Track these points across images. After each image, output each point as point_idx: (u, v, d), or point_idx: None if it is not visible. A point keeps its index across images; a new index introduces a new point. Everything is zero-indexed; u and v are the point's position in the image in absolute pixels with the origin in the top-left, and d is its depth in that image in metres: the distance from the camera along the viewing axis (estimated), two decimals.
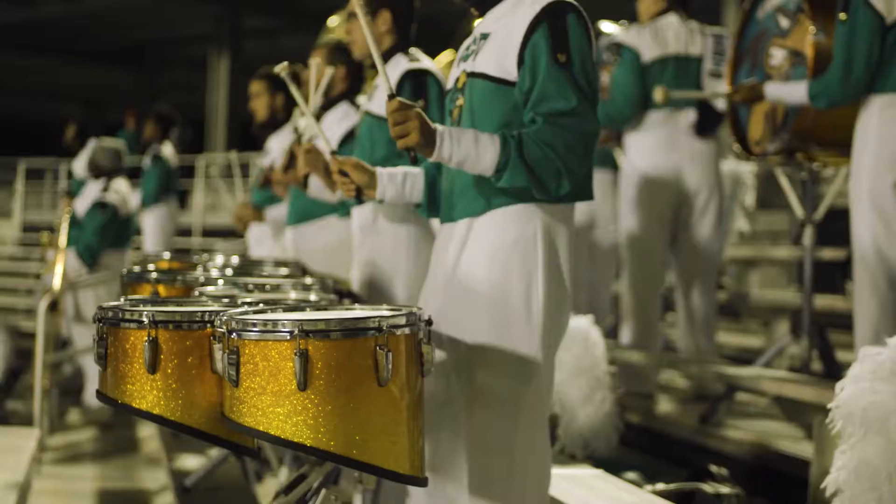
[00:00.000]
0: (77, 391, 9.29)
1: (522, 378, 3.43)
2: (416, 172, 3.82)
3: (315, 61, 5.26)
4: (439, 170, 3.78)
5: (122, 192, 9.40)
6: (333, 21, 7.80)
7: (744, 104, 6.05)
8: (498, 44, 3.45)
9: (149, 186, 11.40)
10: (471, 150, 3.30)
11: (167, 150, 11.54)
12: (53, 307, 8.30)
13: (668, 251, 7.12)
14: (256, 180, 7.44)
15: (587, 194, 3.46)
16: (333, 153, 4.04)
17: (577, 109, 3.31)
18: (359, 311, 3.25)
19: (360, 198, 3.96)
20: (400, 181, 3.80)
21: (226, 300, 3.66)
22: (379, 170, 3.82)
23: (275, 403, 2.89)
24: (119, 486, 6.80)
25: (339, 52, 5.87)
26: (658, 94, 6.63)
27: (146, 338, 3.14)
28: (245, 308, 3.24)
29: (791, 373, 6.25)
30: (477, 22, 3.71)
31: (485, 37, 3.54)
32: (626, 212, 7.11)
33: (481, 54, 3.51)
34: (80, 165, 10.67)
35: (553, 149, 3.26)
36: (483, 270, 3.45)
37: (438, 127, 3.36)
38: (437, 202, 3.82)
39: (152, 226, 11.43)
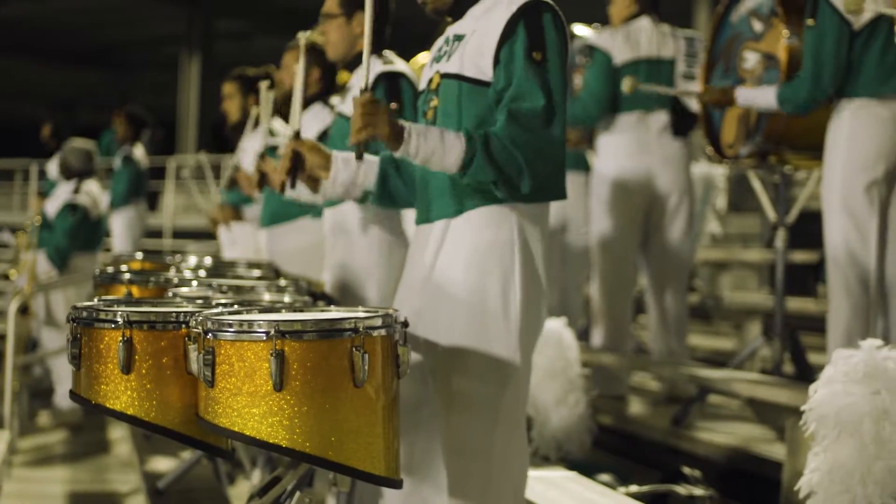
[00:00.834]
0: (47, 393, 9.24)
1: (500, 380, 3.43)
2: (372, 160, 3.79)
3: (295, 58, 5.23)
4: (394, 164, 3.77)
5: (94, 193, 9.34)
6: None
7: (714, 107, 6.06)
8: (474, 44, 3.45)
9: (118, 188, 11.36)
10: (437, 146, 3.29)
11: (138, 151, 11.50)
12: (24, 311, 8.26)
13: (640, 253, 7.13)
14: (225, 182, 7.43)
15: (560, 193, 3.46)
16: (295, 134, 4.00)
17: (545, 109, 3.31)
18: (335, 313, 3.24)
19: (291, 186, 3.86)
20: (354, 167, 3.76)
21: (200, 301, 3.64)
22: (334, 153, 3.78)
23: (250, 404, 2.88)
24: (90, 489, 6.76)
25: (313, 53, 5.87)
26: (626, 83, 6.62)
27: (121, 338, 3.11)
28: (220, 309, 3.23)
29: (764, 375, 6.28)
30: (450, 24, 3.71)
31: (459, 38, 3.54)
32: (598, 214, 7.12)
33: (455, 55, 3.51)
34: (54, 167, 10.61)
35: (517, 146, 3.26)
36: (459, 272, 3.44)
37: (405, 123, 3.35)
38: (389, 193, 3.81)
39: (121, 227, 11.39)
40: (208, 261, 5.48)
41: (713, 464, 5.75)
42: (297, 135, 4.00)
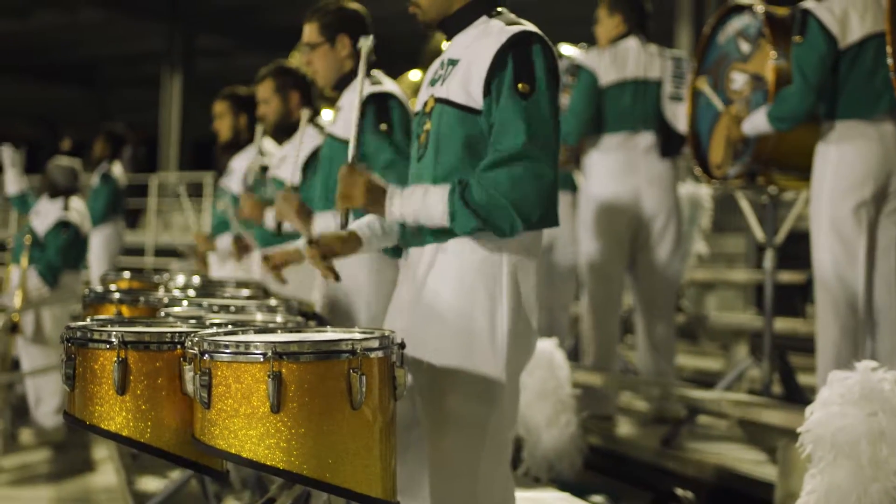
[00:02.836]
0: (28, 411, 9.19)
1: (486, 401, 3.41)
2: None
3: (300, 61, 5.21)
4: None
5: (81, 210, 9.32)
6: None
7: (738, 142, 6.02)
8: (464, 71, 3.44)
9: (97, 205, 11.30)
10: (419, 204, 3.36)
11: (117, 169, 11.47)
12: (14, 328, 8.22)
13: (628, 274, 7.13)
14: (218, 226, 7.40)
15: (551, 221, 3.46)
16: (309, 241, 3.95)
17: (524, 146, 3.30)
18: (331, 334, 3.22)
19: (336, 279, 3.93)
20: (380, 234, 3.79)
21: (193, 321, 3.62)
22: (358, 231, 3.78)
23: (247, 426, 2.85)
24: None
25: (287, 76, 5.88)
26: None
27: (115, 359, 3.09)
28: (216, 329, 3.21)
29: (754, 396, 6.27)
30: (444, 44, 3.70)
31: (453, 62, 3.53)
32: (585, 234, 7.12)
33: (449, 80, 3.50)
34: (11, 183, 10.51)
35: (498, 189, 3.27)
36: (448, 293, 3.43)
37: (389, 186, 3.43)
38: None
39: (98, 245, 11.31)
40: (196, 280, 5.47)
41: (703, 485, 5.74)
42: (311, 242, 3.92)
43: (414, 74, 6.61)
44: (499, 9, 3.56)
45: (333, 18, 4.85)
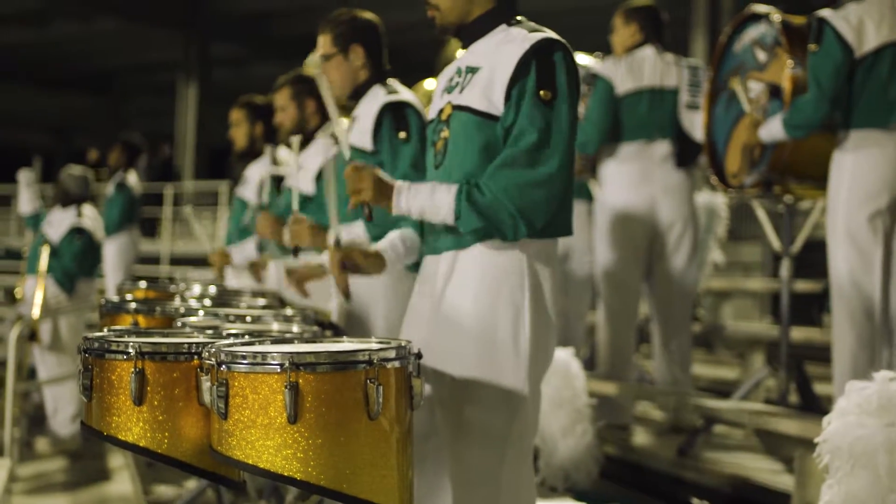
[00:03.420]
0: (45, 419, 9.20)
1: (509, 411, 3.41)
2: (412, 236, 3.88)
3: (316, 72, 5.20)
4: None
5: (94, 217, 9.37)
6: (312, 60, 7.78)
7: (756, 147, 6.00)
8: (485, 78, 3.45)
9: (112, 214, 11.33)
10: (426, 201, 3.41)
11: (132, 178, 11.49)
12: (32, 337, 8.25)
13: (644, 283, 7.12)
14: (235, 218, 7.40)
15: (565, 230, 3.46)
16: (336, 242, 4.02)
17: (535, 145, 3.33)
18: (348, 344, 3.22)
19: (346, 297, 3.99)
20: (402, 252, 3.86)
21: (210, 331, 3.62)
22: (382, 247, 3.86)
23: (264, 436, 2.85)
24: None
25: (304, 86, 5.88)
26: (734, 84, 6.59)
27: (133, 369, 3.09)
28: (232, 340, 3.21)
29: (771, 406, 6.25)
30: (459, 52, 3.70)
31: (471, 70, 3.53)
32: (601, 244, 7.11)
33: (468, 87, 3.51)
34: (25, 203, 10.57)
35: (506, 193, 3.29)
36: (469, 303, 3.44)
37: (396, 182, 3.48)
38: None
39: (113, 254, 11.34)
40: (213, 289, 5.47)
41: (720, 494, 5.73)
42: (338, 243, 4.00)
43: (429, 83, 6.60)
44: (518, 17, 3.57)
45: (346, 29, 4.85)
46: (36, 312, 8.21)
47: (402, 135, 4.54)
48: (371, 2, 4.95)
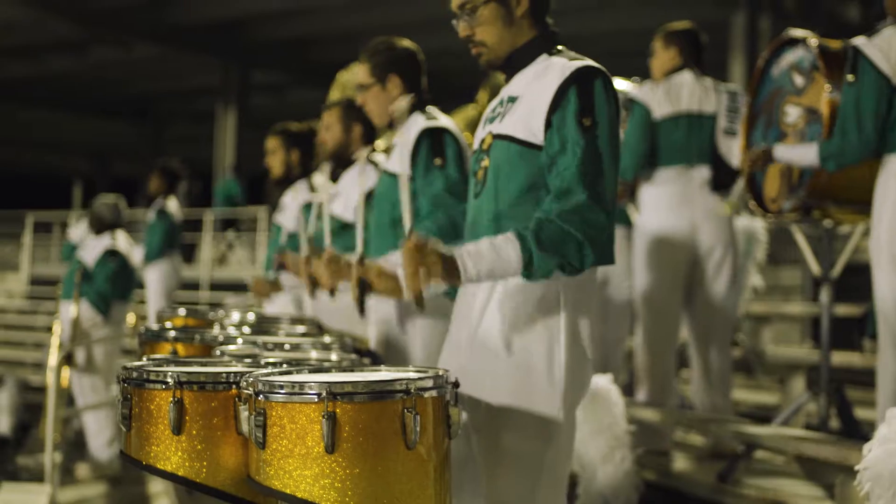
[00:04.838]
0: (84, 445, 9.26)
1: (544, 438, 3.41)
2: None
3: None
4: None
5: (127, 242, 9.48)
6: (343, 75, 7.80)
7: (755, 167, 6.00)
8: (526, 107, 3.46)
9: (153, 241, 11.40)
10: (493, 260, 3.27)
11: (172, 204, 11.55)
12: (69, 359, 8.32)
13: (684, 307, 7.08)
14: (272, 260, 7.41)
15: (608, 258, 3.44)
16: (360, 259, 4.04)
17: (588, 180, 3.32)
18: (385, 373, 3.23)
19: (360, 313, 3.99)
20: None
21: (248, 360, 3.63)
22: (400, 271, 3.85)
23: (302, 466, 2.86)
24: None
25: (354, 111, 5.86)
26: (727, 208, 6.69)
27: (171, 399, 3.11)
28: (270, 369, 3.22)
29: (811, 432, 6.20)
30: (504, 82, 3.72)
31: (512, 100, 3.55)
32: (641, 269, 7.08)
33: (508, 116, 3.52)
34: (76, 230, 10.73)
35: (571, 224, 3.27)
36: (506, 329, 3.44)
37: (454, 250, 3.31)
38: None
39: (155, 280, 11.40)
40: (251, 317, 5.48)
41: None
42: (361, 259, 4.03)
43: (472, 109, 6.62)
44: (559, 47, 3.58)
45: (383, 59, 4.87)
46: (71, 337, 8.29)
47: (438, 161, 4.55)
48: (412, 28, 4.95)
